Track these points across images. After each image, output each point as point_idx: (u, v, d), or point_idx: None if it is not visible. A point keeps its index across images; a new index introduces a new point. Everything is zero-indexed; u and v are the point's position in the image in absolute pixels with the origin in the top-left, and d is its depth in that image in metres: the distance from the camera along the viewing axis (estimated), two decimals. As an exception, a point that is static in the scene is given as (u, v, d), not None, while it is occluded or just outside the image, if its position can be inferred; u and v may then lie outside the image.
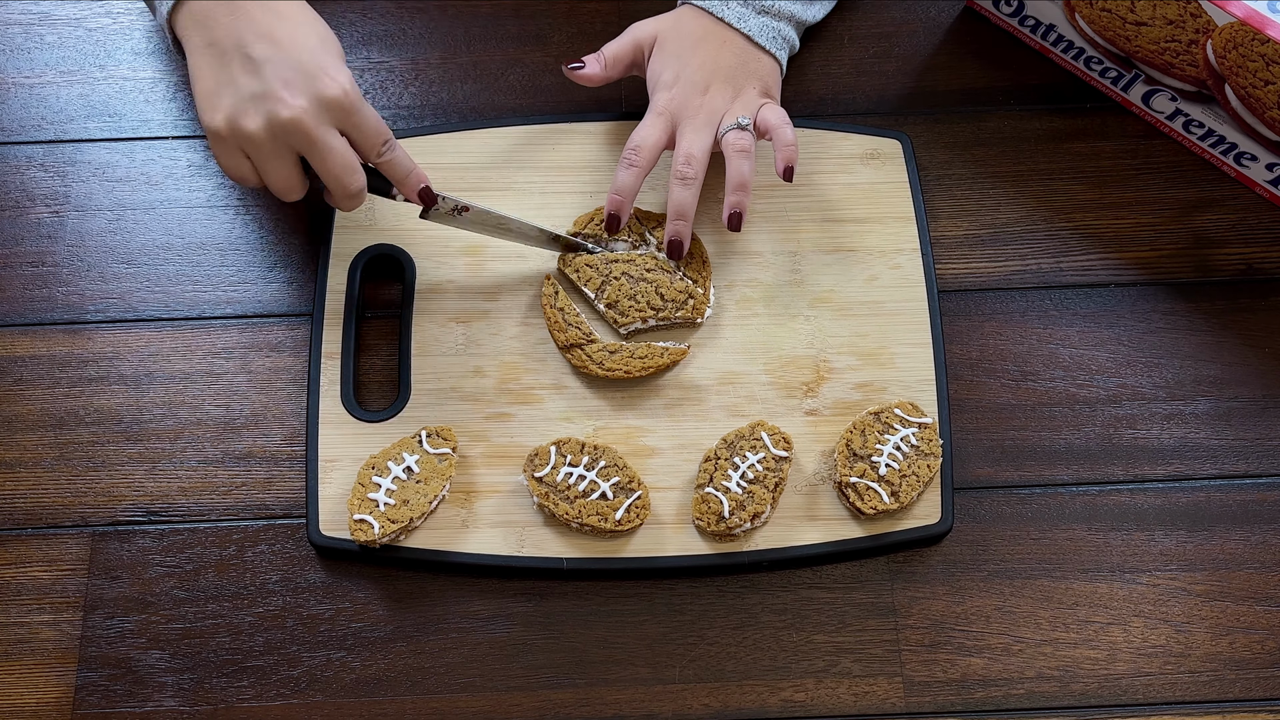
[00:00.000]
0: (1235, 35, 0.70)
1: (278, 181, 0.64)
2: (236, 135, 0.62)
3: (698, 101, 0.70)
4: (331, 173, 0.63)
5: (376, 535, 0.64)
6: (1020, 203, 0.77)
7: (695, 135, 0.70)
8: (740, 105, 0.71)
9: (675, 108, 0.71)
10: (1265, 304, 0.75)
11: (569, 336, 0.70)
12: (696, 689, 0.65)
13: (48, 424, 0.71)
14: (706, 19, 0.73)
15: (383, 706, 0.65)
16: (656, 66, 0.72)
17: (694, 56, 0.71)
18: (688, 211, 0.70)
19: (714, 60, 0.71)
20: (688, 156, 0.69)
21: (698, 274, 0.72)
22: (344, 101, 0.62)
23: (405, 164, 0.66)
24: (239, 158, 0.64)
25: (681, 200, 0.69)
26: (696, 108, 0.70)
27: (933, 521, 0.67)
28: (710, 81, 0.71)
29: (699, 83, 0.71)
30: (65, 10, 0.82)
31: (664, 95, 0.71)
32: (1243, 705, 0.65)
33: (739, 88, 0.71)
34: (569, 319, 0.70)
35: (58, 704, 0.65)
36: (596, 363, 0.69)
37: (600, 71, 0.73)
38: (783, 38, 0.74)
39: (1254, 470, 0.71)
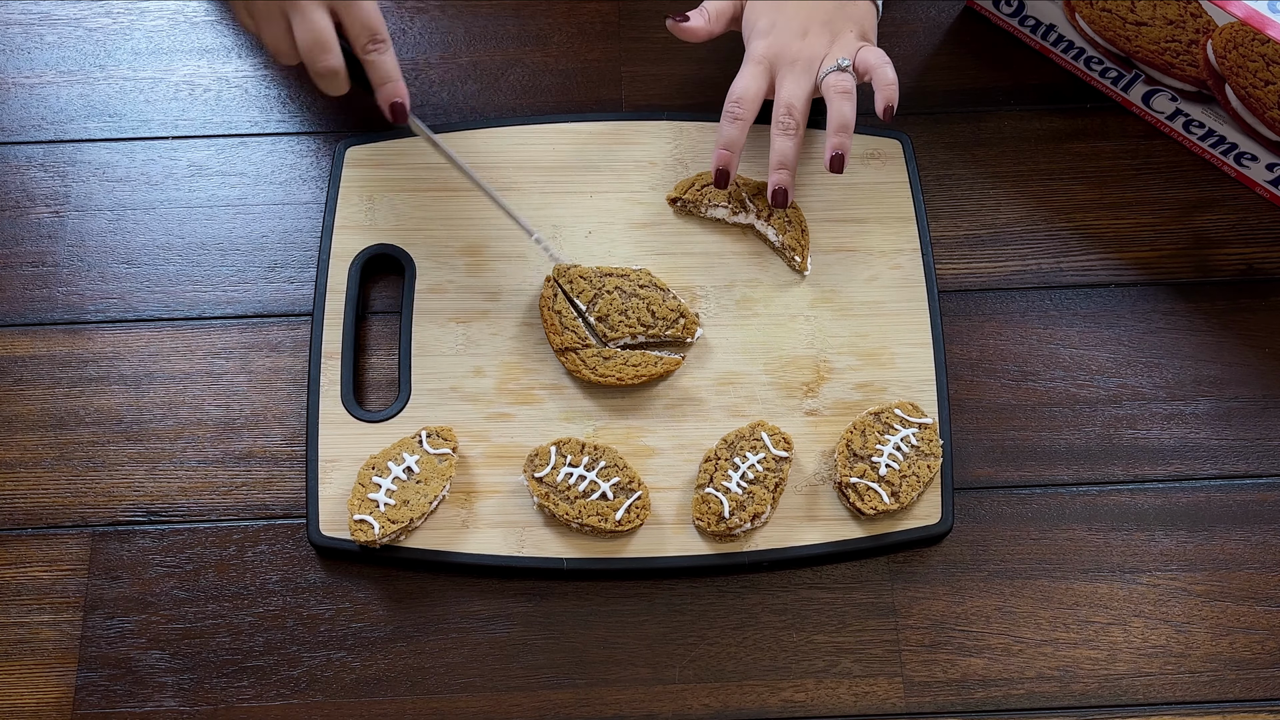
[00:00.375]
0: (1235, 35, 0.70)
1: (269, 41, 0.65)
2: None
3: (796, 47, 0.70)
4: (303, 43, 0.64)
5: (376, 535, 0.64)
6: (1020, 203, 0.77)
7: (795, 83, 0.69)
8: (839, 48, 0.70)
9: (773, 55, 0.70)
10: (1265, 304, 0.75)
11: (565, 340, 0.70)
12: (696, 689, 0.65)
13: (48, 424, 0.71)
14: None
15: (383, 706, 0.65)
16: (752, 15, 0.72)
17: (790, 3, 0.71)
18: (790, 161, 0.70)
19: (810, 5, 0.71)
20: (789, 106, 0.69)
21: (797, 241, 0.72)
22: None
23: (387, 70, 0.66)
24: (244, 14, 0.65)
25: (784, 150, 0.69)
26: (795, 54, 0.70)
27: (933, 522, 0.67)
28: (807, 26, 0.70)
29: (796, 28, 0.70)
30: (65, 10, 0.82)
31: (761, 43, 0.70)
32: (1243, 705, 0.65)
33: (836, 31, 0.71)
34: (566, 322, 0.70)
35: (58, 704, 0.64)
36: (590, 368, 0.69)
37: (705, 25, 0.72)
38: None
39: (1254, 470, 0.71)
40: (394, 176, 0.75)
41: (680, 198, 0.74)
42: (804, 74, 0.70)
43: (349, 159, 0.76)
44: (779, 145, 0.70)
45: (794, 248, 0.72)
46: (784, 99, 0.69)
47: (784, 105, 0.69)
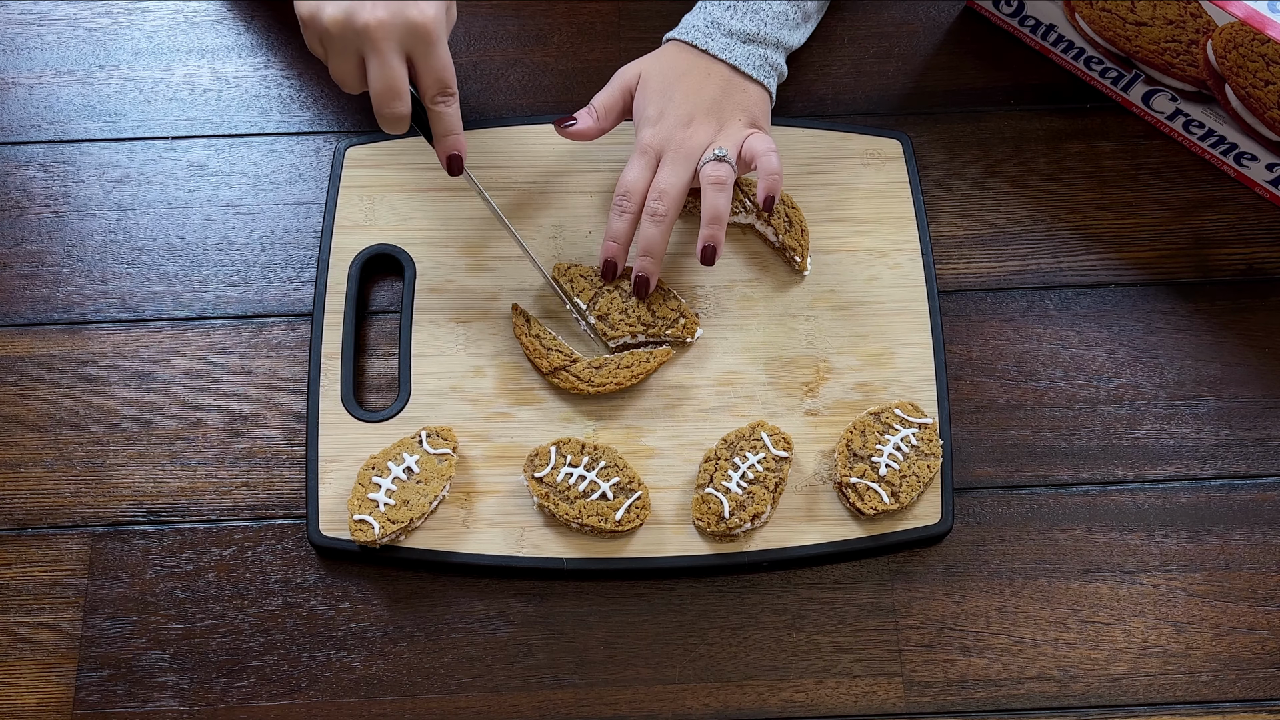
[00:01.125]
0: (1235, 35, 0.70)
1: (337, 73, 0.65)
2: (316, 23, 0.63)
3: (680, 136, 0.68)
4: (375, 87, 0.64)
5: (376, 535, 0.64)
6: (1020, 203, 0.77)
7: (672, 170, 0.68)
8: (723, 138, 0.69)
9: (659, 144, 0.69)
10: (1265, 304, 0.75)
11: (551, 361, 0.69)
12: (696, 689, 0.65)
13: (48, 424, 0.71)
14: (690, 52, 0.71)
15: (383, 706, 0.65)
16: (640, 103, 0.70)
17: (677, 90, 0.70)
18: (656, 249, 0.68)
19: (697, 93, 0.70)
20: (660, 192, 0.68)
21: (797, 241, 0.72)
22: (420, 30, 0.62)
23: (449, 124, 0.66)
24: (316, 45, 0.65)
25: (649, 237, 0.68)
26: (679, 142, 0.68)
27: (933, 522, 0.67)
28: (693, 114, 0.69)
29: (681, 117, 0.69)
30: (65, 10, 0.82)
31: (648, 132, 0.69)
32: (1243, 705, 0.65)
33: (723, 120, 0.69)
34: (547, 344, 0.70)
35: (58, 704, 0.65)
36: (585, 380, 0.69)
37: (594, 124, 0.71)
38: (770, 65, 0.72)
39: (1254, 470, 0.71)
40: (394, 176, 0.75)
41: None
42: (684, 161, 0.68)
43: (349, 159, 0.76)
44: (645, 231, 0.68)
45: (794, 248, 0.72)
46: (658, 185, 0.68)
47: (657, 191, 0.68)
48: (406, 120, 0.65)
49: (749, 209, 0.73)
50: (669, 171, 0.68)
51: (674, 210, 0.68)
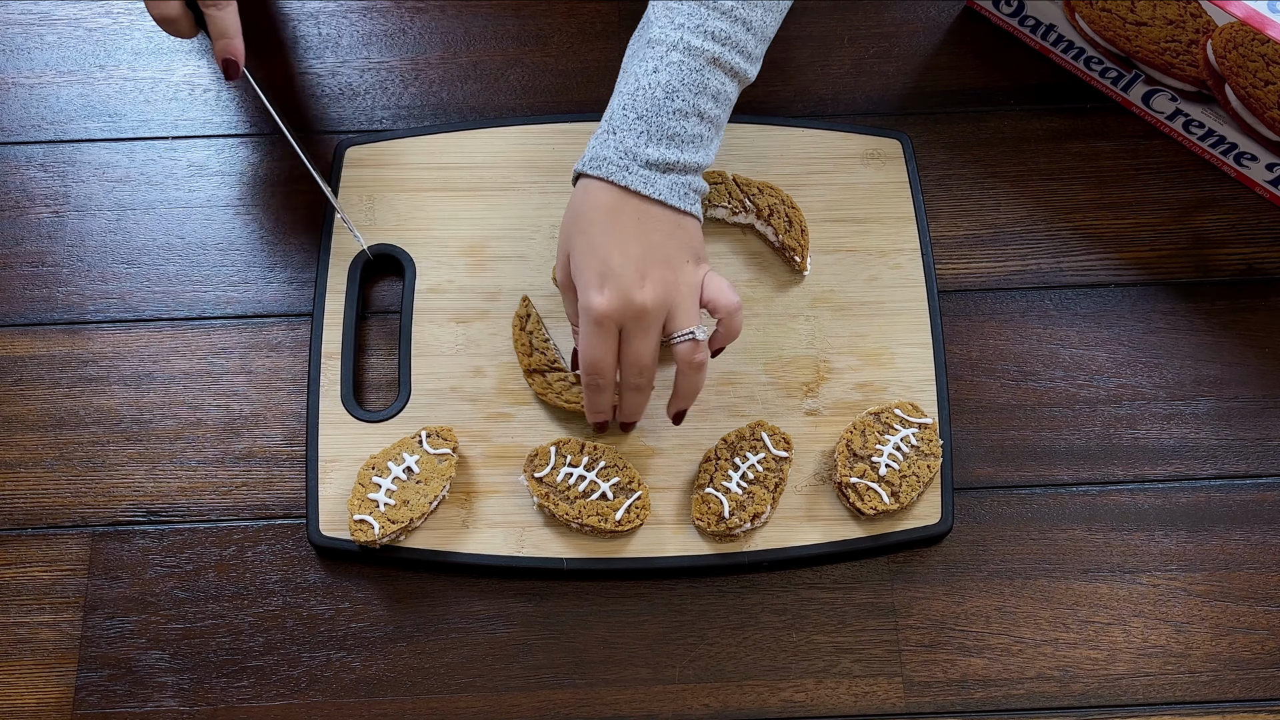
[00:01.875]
0: (1235, 35, 0.70)
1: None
2: None
3: (639, 300, 0.61)
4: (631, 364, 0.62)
5: (376, 535, 0.64)
6: (1020, 203, 0.77)
7: (643, 341, 0.62)
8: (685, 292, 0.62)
9: (616, 313, 0.61)
10: (1265, 304, 0.75)
11: (534, 362, 0.69)
12: (696, 689, 0.65)
13: (48, 424, 0.71)
14: (609, 190, 0.62)
15: (383, 706, 0.65)
16: (579, 266, 0.62)
17: (612, 242, 0.61)
18: (640, 411, 0.66)
19: (637, 242, 0.61)
20: (639, 367, 0.63)
21: (797, 241, 0.72)
22: None
23: (223, 26, 0.66)
24: None
25: (635, 406, 0.66)
26: (639, 308, 0.61)
27: (933, 522, 0.67)
28: (644, 270, 0.61)
29: (631, 275, 0.61)
30: (65, 10, 0.82)
31: (597, 299, 0.61)
32: (1243, 705, 0.65)
33: (674, 266, 0.62)
34: (536, 344, 0.70)
35: (58, 704, 0.64)
36: (556, 392, 0.69)
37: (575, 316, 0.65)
38: (694, 190, 0.63)
39: (1254, 470, 0.71)
40: (394, 176, 0.75)
41: None
42: (652, 329, 0.62)
43: (349, 159, 0.76)
44: (629, 401, 0.65)
45: (794, 248, 0.72)
46: (634, 360, 0.63)
47: (634, 366, 0.63)
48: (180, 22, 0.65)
49: (749, 209, 0.73)
50: (640, 344, 0.62)
51: (653, 375, 0.64)
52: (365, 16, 0.83)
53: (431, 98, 0.80)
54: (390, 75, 0.81)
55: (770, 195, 0.73)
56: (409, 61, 0.81)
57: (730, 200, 0.73)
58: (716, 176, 0.74)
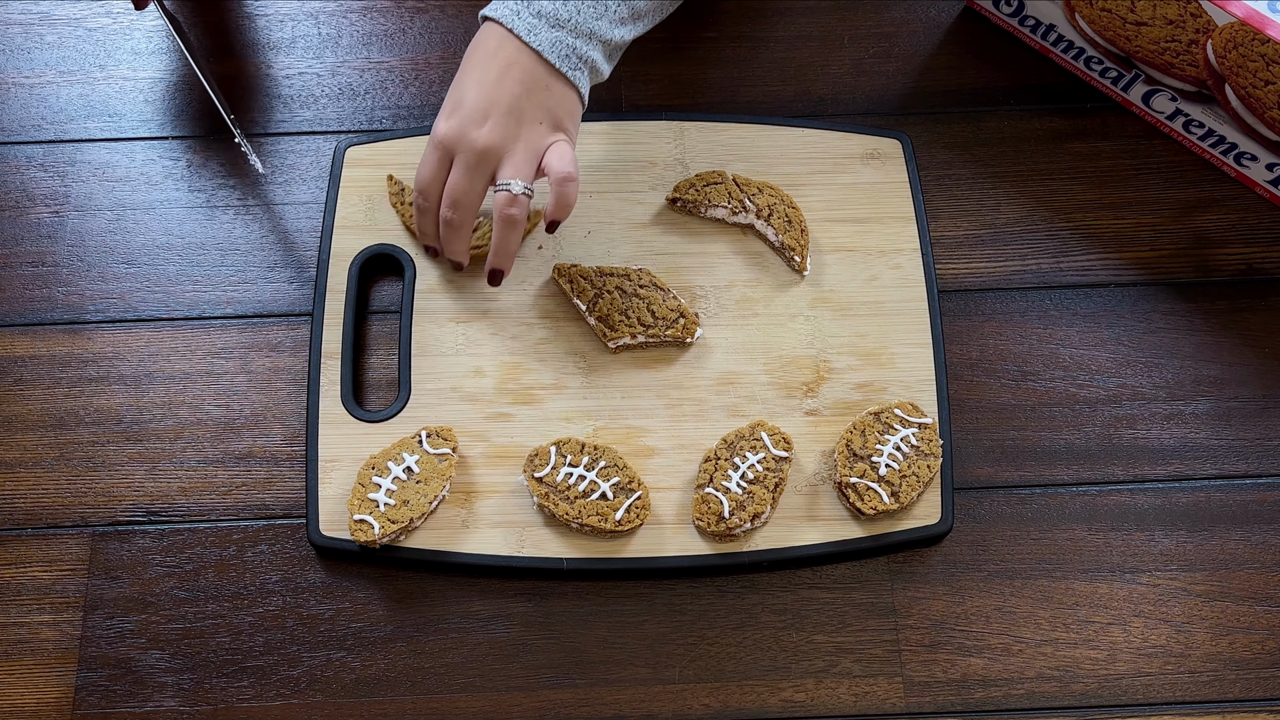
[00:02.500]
0: (1235, 35, 0.70)
1: None
2: None
3: (473, 135, 0.63)
4: None
5: (376, 535, 0.64)
6: (1020, 203, 0.77)
7: (463, 175, 0.64)
8: (523, 146, 0.63)
9: (452, 140, 0.63)
10: (1265, 304, 0.75)
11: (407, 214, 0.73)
12: (696, 689, 0.65)
13: (48, 424, 0.71)
14: (499, 32, 0.64)
15: (383, 706, 0.65)
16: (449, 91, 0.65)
17: (473, 79, 0.64)
18: (459, 252, 0.67)
19: (496, 86, 0.63)
20: (453, 200, 0.64)
21: (796, 241, 0.72)
22: None
23: None
24: None
25: (449, 240, 0.66)
26: (471, 142, 0.63)
27: (933, 522, 0.67)
28: (489, 111, 0.63)
29: (476, 113, 0.63)
30: (65, 10, 0.82)
31: (441, 124, 0.64)
32: (1243, 705, 0.65)
33: (523, 120, 0.63)
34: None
35: (58, 704, 0.64)
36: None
37: None
38: (579, 58, 0.64)
39: (1254, 470, 0.71)
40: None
41: (680, 198, 0.74)
42: (476, 167, 0.63)
43: (349, 159, 0.76)
44: (445, 237, 0.66)
45: (794, 248, 0.72)
46: (449, 189, 0.64)
47: (449, 197, 0.64)
48: None
49: (749, 209, 0.73)
50: (460, 176, 0.64)
51: (470, 215, 0.65)
52: (365, 16, 0.83)
53: (431, 98, 0.80)
54: (390, 75, 0.81)
55: (770, 195, 0.73)
56: (409, 61, 0.81)
57: (730, 200, 0.73)
58: (716, 176, 0.74)
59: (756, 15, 0.83)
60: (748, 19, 0.83)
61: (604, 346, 0.71)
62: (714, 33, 0.83)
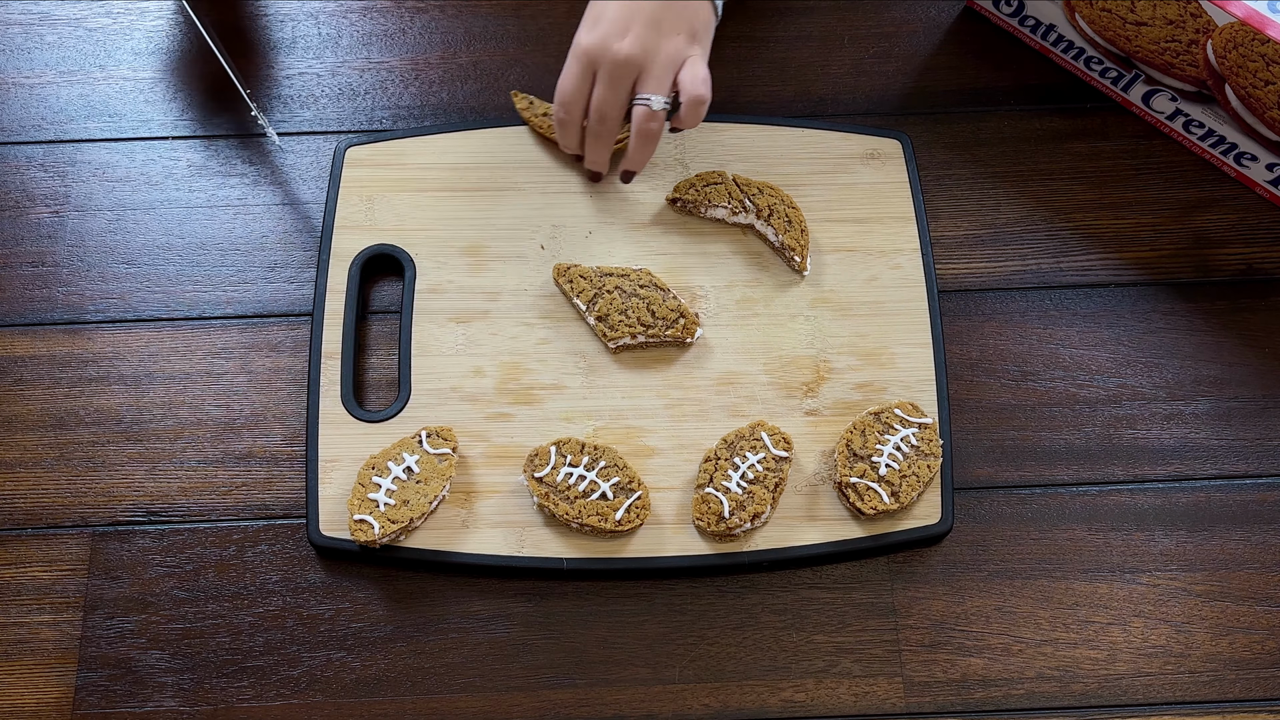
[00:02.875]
0: (1235, 35, 0.70)
1: None
2: None
3: (615, 46, 0.65)
4: None
5: (376, 535, 0.64)
6: (1020, 203, 0.77)
7: (609, 89, 0.66)
8: (662, 59, 0.66)
9: (594, 52, 0.66)
10: (1265, 304, 0.75)
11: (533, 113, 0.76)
12: (696, 689, 0.65)
13: (48, 424, 0.71)
14: None
15: (383, 706, 0.65)
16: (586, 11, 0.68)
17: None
18: (604, 160, 0.71)
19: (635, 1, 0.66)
20: (599, 114, 0.67)
21: (796, 241, 0.72)
22: None
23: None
24: None
25: (595, 151, 0.70)
26: (613, 55, 0.65)
27: (933, 522, 0.67)
28: (630, 23, 0.65)
29: (619, 22, 0.65)
30: (65, 10, 0.82)
31: (584, 36, 0.67)
32: (1243, 705, 0.65)
33: (663, 32, 0.66)
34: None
35: (58, 704, 0.64)
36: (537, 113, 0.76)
37: None
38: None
39: (1254, 470, 0.71)
40: (394, 176, 0.75)
41: (680, 198, 0.74)
42: (620, 80, 0.66)
43: (349, 159, 0.76)
44: (590, 147, 0.70)
45: (794, 248, 0.72)
46: (596, 104, 0.67)
47: (596, 111, 0.67)
48: None
49: (749, 209, 0.73)
50: (605, 91, 0.67)
51: (615, 126, 0.69)
52: (365, 16, 0.83)
53: (431, 98, 0.80)
54: (390, 75, 0.81)
55: (770, 195, 0.73)
56: (409, 61, 0.81)
57: (730, 200, 0.73)
58: (716, 176, 0.74)
59: (756, 15, 0.83)
60: (748, 19, 0.83)
61: (604, 346, 0.71)
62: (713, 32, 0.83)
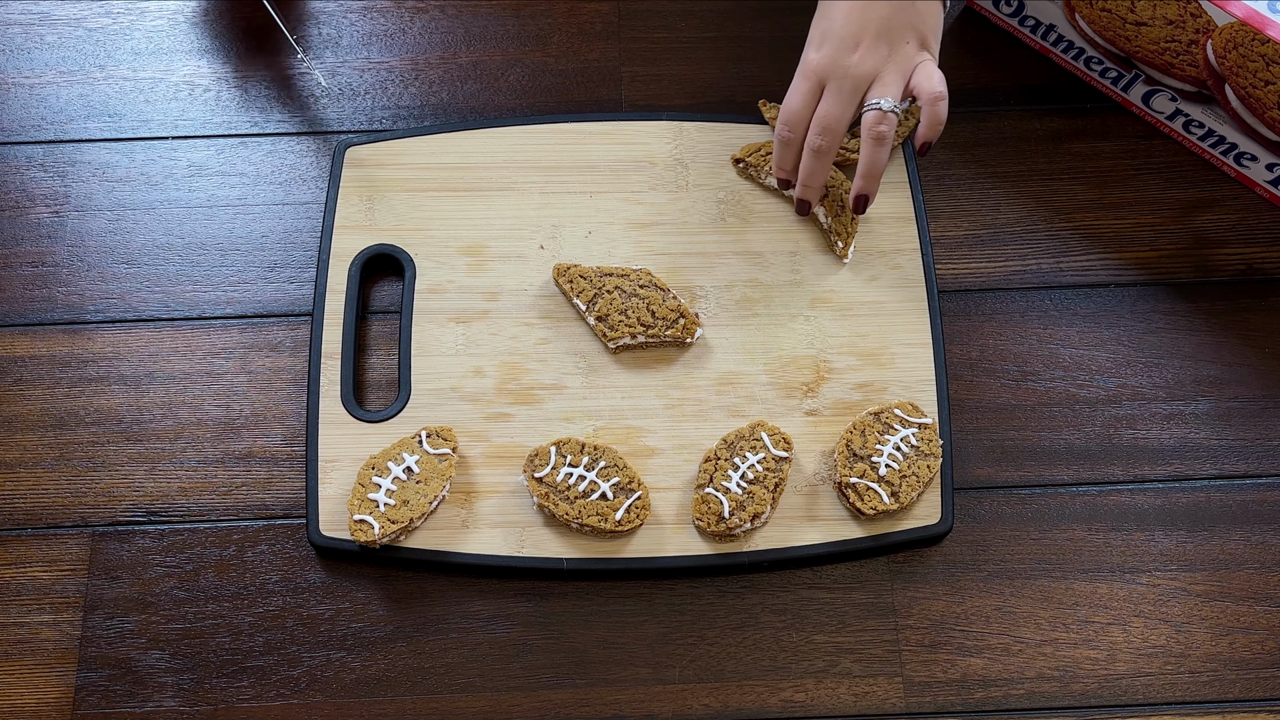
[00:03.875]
0: (1235, 35, 0.70)
1: None
2: None
3: (846, 62, 0.66)
4: None
5: (376, 535, 0.64)
6: (1020, 203, 0.77)
7: (835, 101, 0.66)
8: (893, 68, 0.66)
9: (824, 70, 0.66)
10: (1265, 304, 0.75)
11: None
12: (696, 689, 0.65)
13: (48, 424, 0.71)
14: None
15: (383, 706, 0.65)
16: (813, 24, 0.68)
17: (840, 9, 0.67)
18: (817, 181, 0.69)
19: (864, 12, 0.66)
20: (823, 126, 0.67)
21: (845, 227, 0.73)
22: None
23: None
24: None
25: (811, 170, 0.68)
26: (844, 70, 0.66)
27: (933, 522, 0.67)
28: (860, 36, 0.66)
29: (848, 39, 0.66)
30: (65, 10, 0.82)
31: (813, 54, 0.67)
32: (1243, 705, 0.65)
33: (893, 42, 0.66)
34: None
35: (58, 704, 0.64)
36: None
37: None
38: None
39: (1254, 470, 0.71)
40: (394, 176, 0.75)
41: (744, 159, 0.75)
42: (850, 94, 0.66)
43: (349, 159, 0.76)
44: (806, 163, 0.69)
45: (840, 233, 0.72)
46: (821, 117, 0.67)
47: (820, 124, 0.67)
48: None
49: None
50: (833, 103, 0.66)
51: (837, 143, 0.68)
52: (365, 16, 0.83)
53: (431, 98, 0.80)
54: (390, 75, 0.81)
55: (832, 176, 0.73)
56: (409, 61, 0.81)
57: None
58: None
59: (756, 15, 0.83)
60: (748, 19, 0.83)
61: (604, 346, 0.71)
62: (714, 33, 0.83)
